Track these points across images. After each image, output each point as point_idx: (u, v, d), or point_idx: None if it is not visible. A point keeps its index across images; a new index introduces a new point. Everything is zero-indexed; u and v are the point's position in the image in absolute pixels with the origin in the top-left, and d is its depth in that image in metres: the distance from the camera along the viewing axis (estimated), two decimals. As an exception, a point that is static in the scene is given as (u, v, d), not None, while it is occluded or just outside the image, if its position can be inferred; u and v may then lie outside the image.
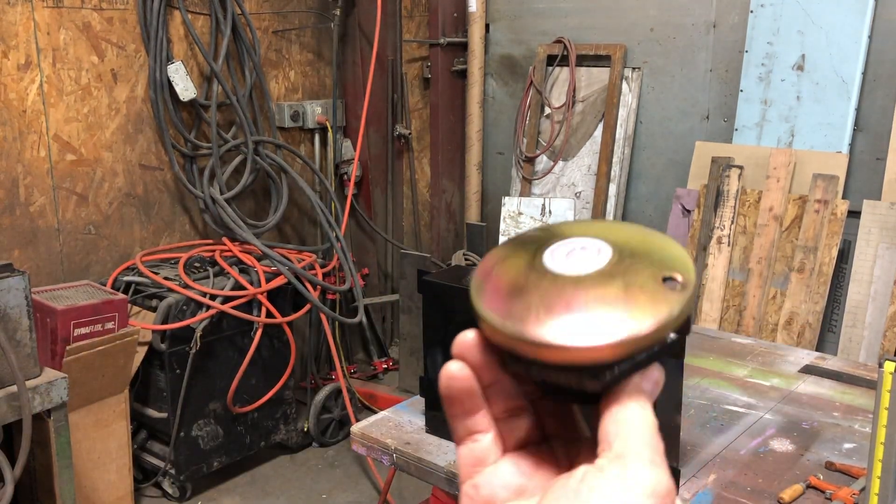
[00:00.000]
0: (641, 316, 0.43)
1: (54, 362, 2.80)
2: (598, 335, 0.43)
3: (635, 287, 0.45)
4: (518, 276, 0.47)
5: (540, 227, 0.53)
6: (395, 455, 1.97)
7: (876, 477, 1.41)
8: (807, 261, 3.25)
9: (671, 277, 0.46)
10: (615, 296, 0.45)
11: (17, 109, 3.22)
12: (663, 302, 0.44)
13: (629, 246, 0.48)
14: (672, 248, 0.49)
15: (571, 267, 0.47)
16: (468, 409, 0.49)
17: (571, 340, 0.43)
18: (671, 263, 0.47)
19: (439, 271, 2.08)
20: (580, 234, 0.50)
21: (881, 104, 3.24)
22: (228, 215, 3.61)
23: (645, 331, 0.43)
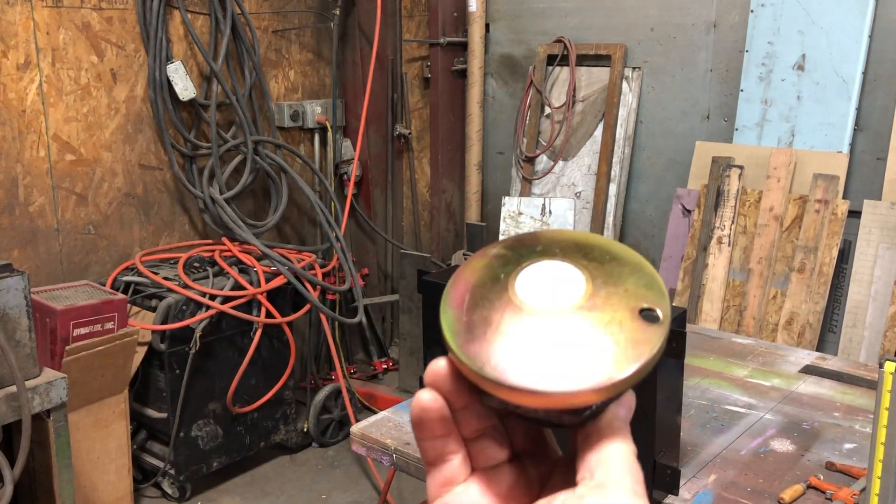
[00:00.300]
0: (623, 358, 0.43)
1: (54, 362, 2.80)
2: (579, 380, 0.42)
3: (614, 324, 0.44)
4: (492, 311, 0.46)
5: (508, 244, 0.51)
6: (394, 455, 1.97)
7: (876, 477, 1.41)
8: (807, 261, 3.25)
9: (648, 309, 0.45)
10: (594, 336, 0.44)
11: (16, 109, 3.22)
12: (643, 341, 0.43)
13: (602, 272, 0.47)
14: (644, 274, 0.47)
15: (545, 299, 0.46)
16: (438, 434, 0.48)
17: (552, 386, 0.42)
18: (646, 293, 0.46)
19: (439, 271, 2.08)
20: (549, 253, 0.48)
21: (881, 104, 3.24)
22: (228, 215, 3.61)
23: (628, 375, 0.42)
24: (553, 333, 0.44)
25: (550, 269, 0.47)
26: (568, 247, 0.49)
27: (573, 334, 0.44)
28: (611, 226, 3.95)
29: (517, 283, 0.47)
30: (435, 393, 0.47)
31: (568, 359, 0.43)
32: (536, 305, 0.45)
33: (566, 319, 0.44)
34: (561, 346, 0.43)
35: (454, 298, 0.48)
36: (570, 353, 0.43)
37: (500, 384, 0.43)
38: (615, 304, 0.45)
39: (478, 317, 0.46)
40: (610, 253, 0.48)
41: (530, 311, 0.45)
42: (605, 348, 0.43)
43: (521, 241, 0.50)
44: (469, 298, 0.47)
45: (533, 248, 0.49)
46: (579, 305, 0.45)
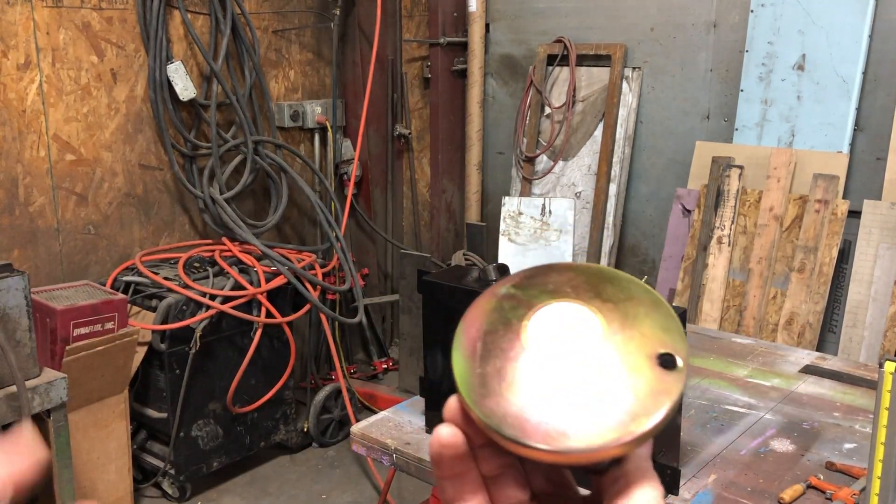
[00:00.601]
0: (643, 411, 0.41)
1: (54, 362, 2.80)
2: (599, 437, 0.41)
3: (632, 374, 0.43)
4: (505, 362, 0.45)
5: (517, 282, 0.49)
6: (395, 455, 1.97)
7: (876, 477, 1.41)
8: (807, 261, 3.25)
9: (667, 355, 0.43)
10: (612, 388, 0.42)
11: (16, 109, 3.22)
12: (663, 391, 0.42)
13: (617, 314, 0.45)
14: (660, 314, 0.45)
15: (559, 348, 0.44)
16: (458, 473, 0.47)
17: (572, 445, 0.41)
18: (663, 336, 0.44)
19: (439, 271, 2.08)
20: (561, 294, 0.46)
21: (881, 104, 3.24)
22: (228, 215, 3.61)
23: (649, 428, 0.41)
24: (570, 386, 0.43)
25: (563, 312, 0.46)
26: (580, 285, 0.47)
27: (591, 387, 0.43)
28: (611, 226, 3.95)
29: (529, 330, 0.46)
30: (455, 429, 0.46)
31: (587, 414, 0.42)
32: (551, 355, 0.44)
33: (583, 370, 0.43)
34: (579, 400, 0.42)
35: (466, 346, 0.47)
36: (588, 408, 0.42)
37: (519, 443, 0.42)
38: (632, 350, 0.43)
39: (491, 368, 0.45)
40: (624, 291, 0.47)
41: (544, 362, 0.44)
42: (625, 401, 0.42)
43: (531, 278, 0.48)
44: (481, 347, 0.46)
45: (544, 287, 0.47)
46: (595, 354, 0.44)
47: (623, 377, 0.43)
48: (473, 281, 1.89)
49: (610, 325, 0.44)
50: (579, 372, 0.43)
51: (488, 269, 1.88)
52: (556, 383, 0.43)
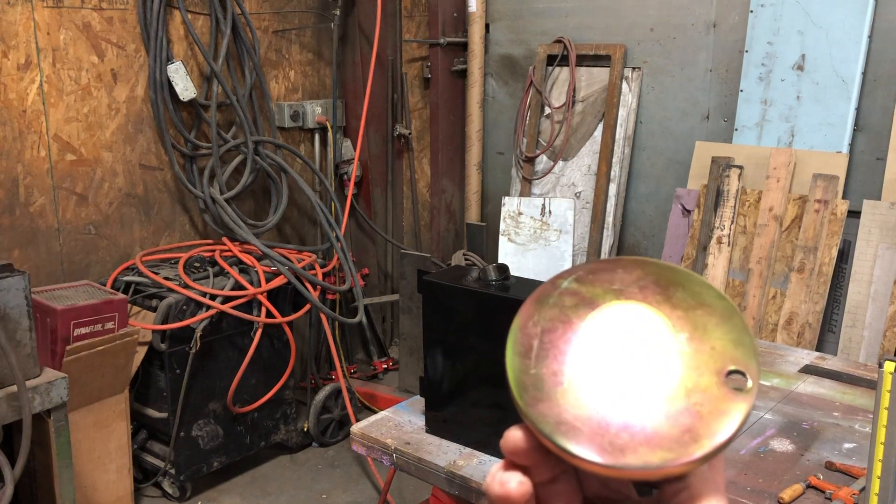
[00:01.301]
0: (707, 433, 0.39)
1: (54, 362, 2.80)
2: (657, 457, 0.39)
3: (698, 392, 0.40)
4: (562, 365, 0.42)
5: (581, 276, 0.45)
6: (395, 455, 1.97)
7: (876, 477, 1.41)
8: (807, 261, 3.25)
9: (737, 372, 0.41)
10: (676, 405, 0.40)
11: (17, 109, 3.22)
12: (729, 412, 0.40)
13: (687, 322, 0.42)
14: (733, 325, 0.42)
15: (622, 355, 0.42)
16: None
17: (626, 461, 0.39)
18: (734, 352, 0.41)
19: (439, 271, 2.08)
20: (628, 294, 0.43)
21: (881, 104, 3.24)
22: (228, 215, 3.61)
23: (710, 451, 0.39)
24: (630, 397, 0.41)
25: (629, 315, 0.43)
26: (648, 286, 0.44)
27: (653, 400, 0.40)
28: (611, 226, 3.95)
29: (591, 332, 0.43)
30: (520, 477, 0.43)
31: (645, 430, 0.40)
32: (612, 362, 0.42)
33: (645, 381, 0.41)
34: (639, 414, 0.40)
35: (521, 343, 0.44)
36: (648, 424, 0.40)
37: (570, 454, 0.40)
38: (700, 365, 0.41)
39: (547, 370, 0.42)
40: (696, 297, 0.43)
41: (605, 370, 0.42)
42: (688, 420, 0.39)
43: (596, 273, 0.45)
44: (538, 346, 0.43)
45: (609, 284, 0.44)
46: (661, 365, 0.41)
47: (688, 394, 0.40)
48: (473, 281, 1.90)
49: (678, 335, 0.42)
50: (641, 383, 0.41)
51: (488, 269, 1.89)
52: (615, 393, 0.41)
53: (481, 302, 1.86)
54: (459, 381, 1.99)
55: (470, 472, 1.87)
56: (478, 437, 1.97)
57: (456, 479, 1.87)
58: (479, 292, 1.86)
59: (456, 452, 1.96)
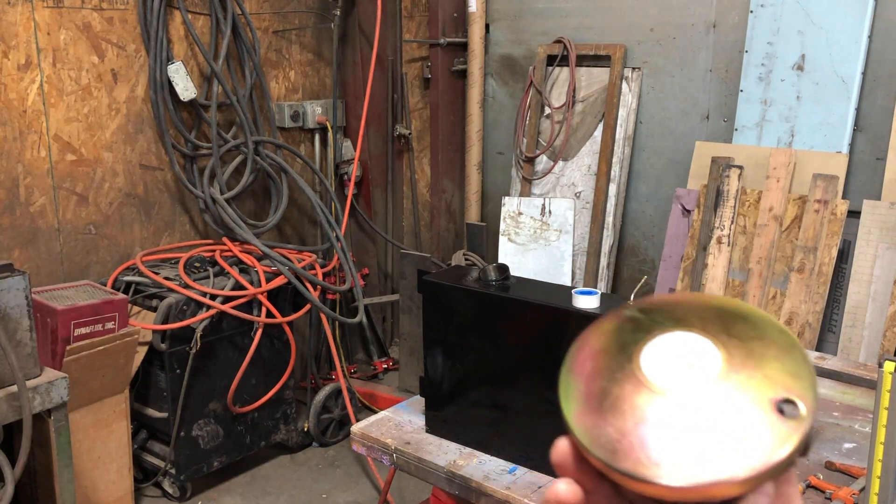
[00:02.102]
0: (748, 457, 0.38)
1: (54, 362, 2.81)
2: (692, 477, 0.38)
3: (744, 416, 0.39)
4: (612, 383, 0.42)
5: (644, 307, 0.46)
6: (395, 455, 1.97)
7: (876, 477, 1.41)
8: (807, 261, 3.25)
9: (788, 401, 0.40)
10: (719, 427, 0.39)
11: (17, 109, 3.23)
12: (776, 438, 0.39)
13: (742, 351, 0.42)
14: (792, 358, 0.42)
15: (673, 377, 0.42)
16: None
17: (661, 479, 0.39)
18: (789, 381, 0.41)
19: (439, 271, 2.08)
20: (686, 323, 0.43)
21: (881, 104, 3.24)
22: (228, 215, 3.61)
23: (756, 473, 0.38)
24: (672, 417, 0.41)
25: (683, 341, 0.43)
26: (709, 317, 0.44)
27: (694, 421, 0.40)
28: (611, 226, 3.95)
29: (644, 355, 0.43)
30: (573, 484, 0.44)
31: (683, 448, 0.39)
32: (660, 383, 0.42)
33: (689, 403, 0.41)
34: (679, 433, 0.40)
35: (576, 363, 0.45)
36: (686, 443, 0.39)
37: (607, 465, 0.40)
38: (750, 391, 0.40)
39: (596, 387, 0.43)
40: (756, 329, 0.43)
41: (652, 389, 0.42)
42: (729, 443, 0.39)
43: (661, 304, 0.46)
44: (591, 365, 0.44)
45: (671, 313, 0.45)
46: (708, 389, 0.41)
47: (734, 417, 0.40)
48: (473, 281, 1.90)
49: (730, 362, 0.42)
50: (685, 403, 0.41)
51: (488, 269, 1.89)
52: (658, 412, 0.41)
53: (481, 302, 1.86)
54: (459, 381, 1.99)
55: (470, 472, 1.87)
56: (478, 436, 1.97)
57: (456, 478, 1.87)
58: (479, 292, 1.86)
59: (456, 452, 1.96)
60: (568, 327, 1.78)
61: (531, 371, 1.85)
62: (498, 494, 1.80)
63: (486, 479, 1.84)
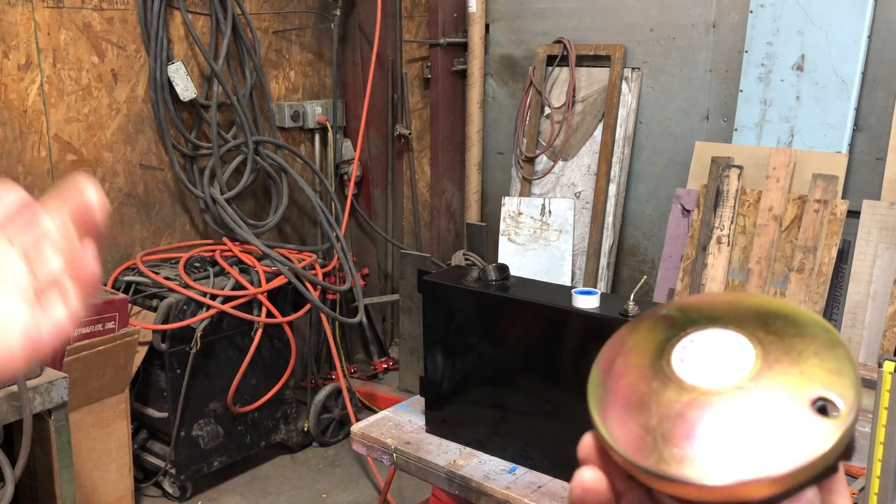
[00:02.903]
0: (780, 456, 0.36)
1: (55, 362, 2.81)
2: (722, 476, 0.37)
3: (776, 415, 0.38)
4: (640, 382, 0.41)
5: (682, 306, 0.44)
6: (395, 455, 1.98)
7: (875, 477, 1.41)
8: (806, 261, 3.25)
9: (824, 399, 0.38)
10: (749, 425, 0.38)
11: (17, 109, 3.23)
12: (809, 438, 0.37)
13: (779, 347, 0.40)
14: (834, 355, 0.40)
15: (703, 374, 0.40)
16: None
17: (685, 476, 0.37)
18: (827, 378, 0.38)
19: (439, 271, 2.09)
20: (722, 320, 0.42)
21: (881, 104, 3.24)
22: (229, 215, 3.61)
23: (788, 472, 0.36)
24: (701, 414, 0.39)
25: (717, 338, 0.41)
26: (747, 314, 0.42)
27: (724, 419, 0.38)
28: (610, 226, 3.95)
29: (675, 352, 0.42)
30: (598, 471, 0.42)
31: (710, 446, 0.38)
32: (689, 380, 0.40)
33: (718, 400, 0.39)
34: (706, 430, 0.38)
35: (604, 360, 0.43)
36: (714, 440, 0.38)
37: (628, 461, 0.39)
38: (786, 388, 0.39)
39: (624, 384, 0.42)
40: (797, 326, 0.41)
41: (680, 387, 0.40)
42: (760, 441, 0.37)
43: (696, 303, 0.44)
44: (620, 361, 0.43)
45: (708, 312, 0.43)
46: (738, 385, 0.39)
47: (767, 415, 0.38)
48: (473, 281, 1.90)
49: (766, 358, 0.40)
50: (714, 403, 0.39)
51: (488, 269, 1.89)
52: (686, 409, 0.39)
53: (481, 302, 1.86)
54: (459, 380, 1.99)
55: (470, 472, 1.87)
56: (478, 436, 1.97)
57: (456, 478, 1.88)
58: (479, 292, 1.86)
59: (456, 452, 1.96)
60: (568, 327, 1.78)
61: (531, 371, 1.85)
62: (498, 494, 1.80)
63: (486, 479, 1.84)
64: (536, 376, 1.84)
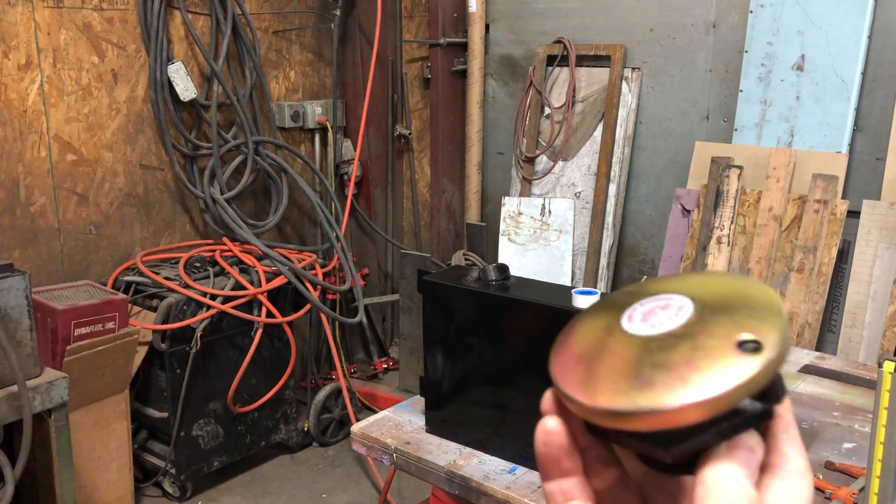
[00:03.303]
0: (705, 384, 0.39)
1: (55, 362, 2.81)
2: (648, 404, 0.40)
3: (702, 350, 0.41)
4: (590, 339, 0.45)
5: (638, 283, 0.49)
6: (395, 455, 1.98)
7: (875, 477, 1.41)
8: (806, 261, 3.25)
9: (749, 340, 0.41)
10: (676, 361, 0.41)
11: (17, 109, 3.23)
12: (728, 368, 0.40)
13: (715, 302, 0.44)
14: (766, 312, 0.43)
15: (645, 328, 0.44)
16: (565, 471, 0.46)
17: (618, 407, 0.40)
18: (752, 323, 0.42)
19: (439, 271, 2.09)
20: (672, 289, 0.46)
21: (881, 104, 3.24)
22: (229, 215, 3.61)
23: (705, 398, 0.39)
24: (636, 355, 0.43)
25: (663, 300, 0.45)
26: (698, 285, 0.46)
27: (655, 358, 0.42)
28: (610, 225, 3.95)
29: (625, 313, 0.46)
30: (558, 419, 0.46)
31: (642, 383, 0.41)
32: (632, 332, 0.44)
33: (656, 344, 0.43)
34: (640, 369, 0.42)
35: (567, 328, 0.48)
36: (645, 377, 0.41)
37: (573, 401, 0.43)
38: (713, 331, 0.42)
39: (576, 341, 0.46)
40: (739, 289, 0.45)
41: (623, 337, 0.44)
42: (684, 371, 0.40)
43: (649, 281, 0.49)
44: (578, 325, 0.47)
45: (664, 286, 0.47)
46: (674, 332, 0.43)
47: (692, 350, 0.41)
48: (473, 281, 1.90)
49: (702, 313, 0.43)
50: (653, 348, 0.43)
51: (488, 269, 1.89)
52: (623, 351, 0.43)
53: (481, 302, 1.86)
54: (459, 380, 1.99)
55: (470, 472, 1.87)
56: (478, 436, 1.97)
57: (456, 478, 1.88)
58: (479, 292, 1.86)
59: (456, 452, 1.96)
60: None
61: (531, 371, 1.85)
62: (498, 494, 1.80)
63: (486, 479, 1.85)
64: (536, 376, 1.84)
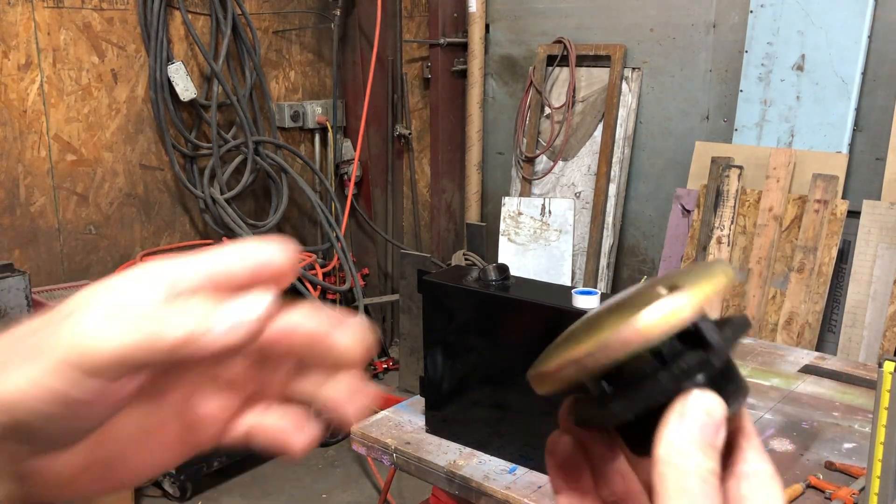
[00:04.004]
0: (632, 318, 0.41)
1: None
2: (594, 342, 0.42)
3: (638, 300, 0.43)
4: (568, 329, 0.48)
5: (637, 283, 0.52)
6: (395, 455, 1.98)
7: (875, 477, 1.41)
8: (806, 261, 3.25)
9: (672, 287, 0.43)
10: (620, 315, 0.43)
11: (17, 109, 3.23)
12: (652, 304, 0.41)
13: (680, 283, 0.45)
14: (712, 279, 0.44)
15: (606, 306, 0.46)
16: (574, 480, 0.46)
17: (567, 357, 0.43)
18: (686, 281, 0.44)
19: (439, 271, 2.08)
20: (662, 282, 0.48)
21: (881, 104, 3.24)
22: (229, 215, 3.61)
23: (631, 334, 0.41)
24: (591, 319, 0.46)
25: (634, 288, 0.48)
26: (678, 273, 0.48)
27: (603, 314, 0.45)
28: (610, 226, 3.95)
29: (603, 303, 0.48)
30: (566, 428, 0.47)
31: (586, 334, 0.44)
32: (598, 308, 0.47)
33: (614, 308, 0.45)
34: (586, 327, 0.45)
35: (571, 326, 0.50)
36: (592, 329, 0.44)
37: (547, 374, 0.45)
38: (650, 293, 0.44)
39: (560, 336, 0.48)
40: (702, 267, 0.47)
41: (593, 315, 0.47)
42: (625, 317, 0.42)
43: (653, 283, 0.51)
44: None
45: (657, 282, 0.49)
46: (629, 301, 0.46)
47: (623, 308, 0.44)
48: (473, 281, 1.90)
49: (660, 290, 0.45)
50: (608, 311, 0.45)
51: (488, 269, 1.89)
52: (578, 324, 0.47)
53: (481, 302, 1.86)
54: (459, 380, 1.99)
55: (470, 472, 1.87)
56: (478, 436, 1.97)
57: (456, 478, 1.88)
58: (479, 292, 1.86)
59: (456, 452, 1.96)
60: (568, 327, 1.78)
61: (531, 371, 1.85)
62: (498, 494, 1.80)
63: (486, 479, 1.84)
64: (536, 376, 1.84)
